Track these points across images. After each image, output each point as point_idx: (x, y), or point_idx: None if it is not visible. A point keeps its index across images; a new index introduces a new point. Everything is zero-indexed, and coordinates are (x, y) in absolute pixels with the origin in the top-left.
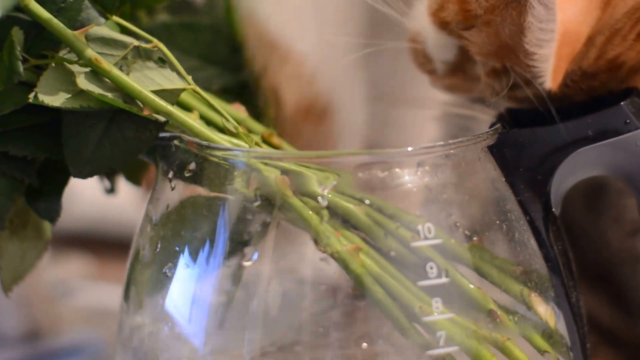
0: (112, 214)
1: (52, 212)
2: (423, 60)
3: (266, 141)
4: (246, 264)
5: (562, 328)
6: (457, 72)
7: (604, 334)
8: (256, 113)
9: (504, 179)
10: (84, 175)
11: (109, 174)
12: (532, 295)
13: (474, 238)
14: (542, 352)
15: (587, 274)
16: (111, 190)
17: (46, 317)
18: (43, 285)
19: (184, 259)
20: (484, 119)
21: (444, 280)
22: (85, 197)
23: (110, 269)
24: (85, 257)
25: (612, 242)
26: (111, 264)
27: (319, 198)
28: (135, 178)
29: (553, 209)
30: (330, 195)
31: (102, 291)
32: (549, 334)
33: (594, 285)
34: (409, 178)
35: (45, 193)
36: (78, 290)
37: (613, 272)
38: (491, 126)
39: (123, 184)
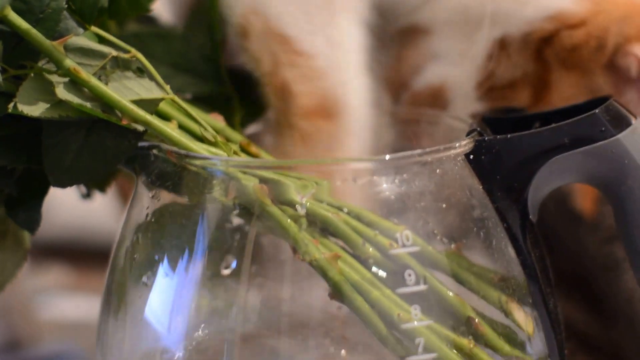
0: (91, 223)
1: (32, 221)
2: None
3: (244, 150)
4: (225, 272)
5: (539, 334)
6: None
7: (581, 340)
8: (233, 121)
9: (481, 187)
10: (63, 185)
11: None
12: (510, 301)
13: (452, 245)
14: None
15: (565, 281)
16: (87, 196)
17: (25, 327)
18: (22, 295)
19: (163, 268)
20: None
21: (422, 287)
22: (64, 207)
23: (89, 279)
24: (64, 267)
25: (589, 249)
26: (90, 274)
27: (298, 206)
28: (101, 185)
29: (530, 216)
30: (308, 204)
31: (81, 301)
32: (526, 340)
33: (572, 292)
34: (386, 186)
35: (25, 203)
36: (57, 300)
37: (590, 279)
38: (468, 134)
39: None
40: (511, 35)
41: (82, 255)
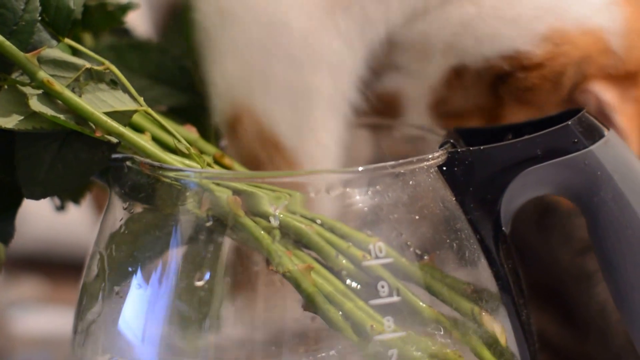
0: (64, 235)
1: (5, 234)
2: None
3: (218, 162)
4: (198, 283)
5: (512, 346)
6: None
7: (554, 352)
8: (207, 133)
9: (454, 198)
10: (37, 197)
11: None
12: (483, 313)
13: (425, 257)
14: None
15: (538, 292)
16: (61, 208)
17: None
18: None
19: (136, 280)
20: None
21: (395, 299)
22: (38, 218)
23: (63, 291)
24: (38, 279)
25: (562, 260)
26: (64, 286)
27: (271, 218)
28: (75, 197)
29: (503, 228)
30: (281, 215)
31: (55, 314)
32: (500, 352)
33: (545, 303)
34: (359, 197)
35: None
36: (31, 313)
37: (563, 290)
38: (441, 146)
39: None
40: (467, 67)
41: (57, 267)
